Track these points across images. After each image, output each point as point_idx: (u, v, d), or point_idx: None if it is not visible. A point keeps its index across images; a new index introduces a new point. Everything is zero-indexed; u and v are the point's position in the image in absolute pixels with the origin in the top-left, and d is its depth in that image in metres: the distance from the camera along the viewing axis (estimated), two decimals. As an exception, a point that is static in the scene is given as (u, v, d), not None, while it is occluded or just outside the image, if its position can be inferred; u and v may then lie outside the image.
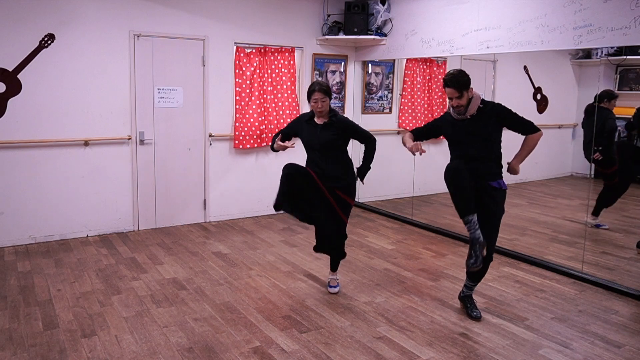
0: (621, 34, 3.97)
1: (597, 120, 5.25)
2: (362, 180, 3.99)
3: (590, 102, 5.49)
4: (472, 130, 3.48)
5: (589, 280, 4.35)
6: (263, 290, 4.11)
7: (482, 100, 3.49)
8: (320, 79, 6.58)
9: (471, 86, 3.44)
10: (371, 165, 3.96)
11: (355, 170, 3.97)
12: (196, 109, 5.82)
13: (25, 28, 4.85)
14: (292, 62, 6.31)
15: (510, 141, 3.65)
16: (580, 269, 4.52)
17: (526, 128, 3.50)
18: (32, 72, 4.92)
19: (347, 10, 6.27)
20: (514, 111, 3.51)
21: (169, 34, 5.55)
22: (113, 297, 3.93)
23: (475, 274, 3.68)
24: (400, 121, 7.09)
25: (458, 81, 3.37)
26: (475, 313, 3.67)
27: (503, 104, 3.53)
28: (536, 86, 6.22)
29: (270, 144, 4.14)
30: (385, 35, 6.30)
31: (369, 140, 3.93)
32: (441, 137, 3.78)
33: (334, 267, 4.15)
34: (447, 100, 3.54)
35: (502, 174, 3.56)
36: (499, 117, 3.46)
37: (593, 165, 5.59)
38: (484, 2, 5.07)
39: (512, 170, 3.63)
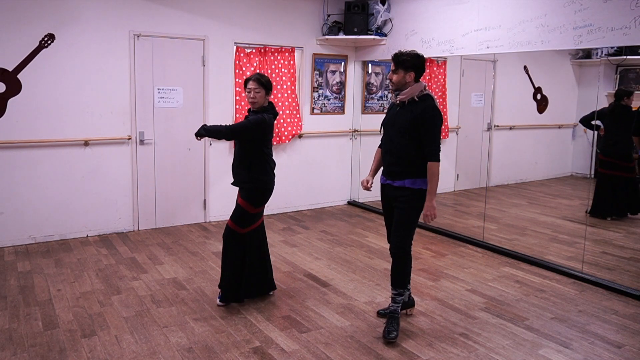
0: (621, 34, 3.97)
1: (628, 117, 5.40)
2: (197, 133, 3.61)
3: (592, 102, 5.49)
4: (395, 120, 3.37)
5: (589, 280, 4.36)
6: (263, 290, 4.11)
7: (425, 95, 3.30)
8: (320, 79, 6.58)
9: (413, 72, 3.29)
10: (205, 131, 3.56)
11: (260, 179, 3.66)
12: (196, 109, 5.82)
13: (25, 28, 4.85)
14: (292, 62, 6.31)
15: (507, 139, 3.59)
16: (580, 269, 4.52)
17: (428, 149, 3.27)
18: (32, 72, 4.92)
19: (347, 10, 6.27)
20: (438, 125, 3.28)
21: (169, 34, 5.55)
22: (113, 297, 3.93)
23: (394, 277, 3.41)
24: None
25: (399, 56, 3.32)
26: (392, 335, 3.32)
27: (437, 112, 3.29)
28: (536, 86, 6.22)
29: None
30: (385, 35, 6.30)
31: (236, 125, 3.66)
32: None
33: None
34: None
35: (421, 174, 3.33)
36: (421, 117, 3.25)
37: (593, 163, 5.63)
38: (484, 2, 5.07)
39: (429, 212, 3.31)
